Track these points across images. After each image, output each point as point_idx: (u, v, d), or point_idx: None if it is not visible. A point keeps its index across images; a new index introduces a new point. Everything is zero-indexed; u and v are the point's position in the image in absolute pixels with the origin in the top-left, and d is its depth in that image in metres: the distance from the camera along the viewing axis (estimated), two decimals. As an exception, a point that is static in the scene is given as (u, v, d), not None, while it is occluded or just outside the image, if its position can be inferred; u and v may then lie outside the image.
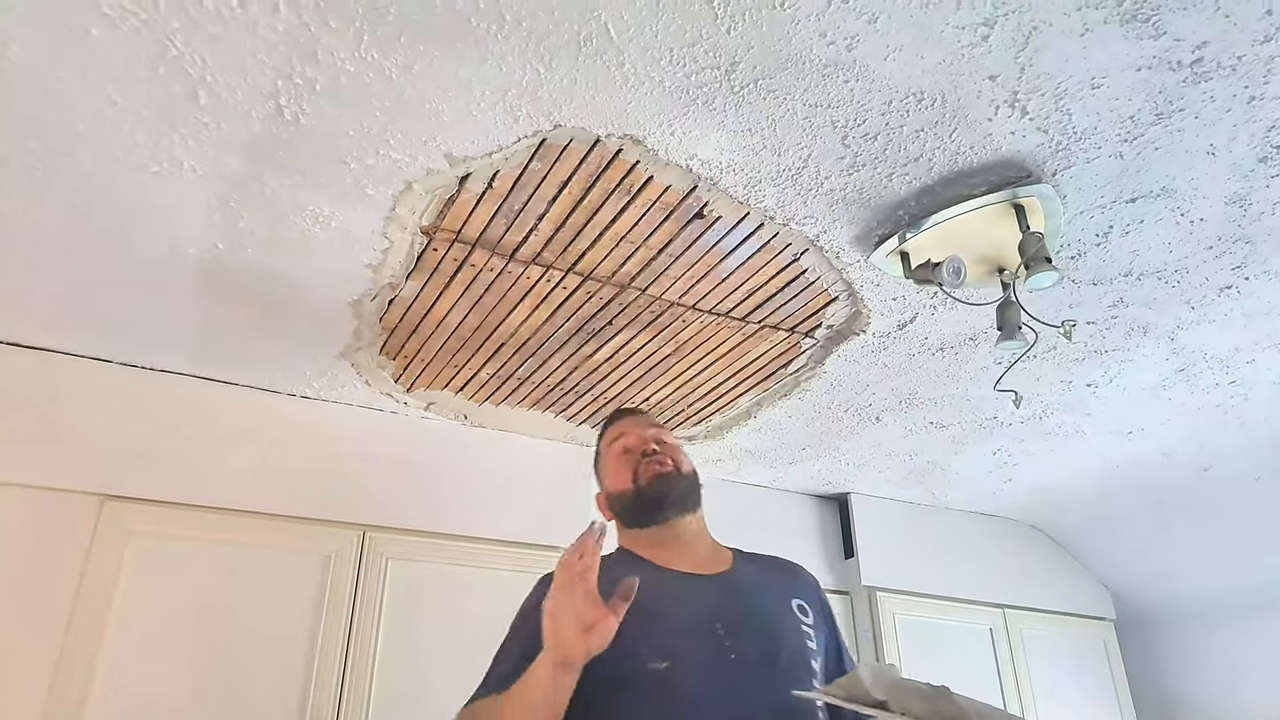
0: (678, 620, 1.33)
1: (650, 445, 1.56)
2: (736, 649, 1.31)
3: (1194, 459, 2.98)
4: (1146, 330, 2.26)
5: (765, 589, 1.47)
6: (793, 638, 1.38)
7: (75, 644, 2.10)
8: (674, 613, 1.34)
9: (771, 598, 1.45)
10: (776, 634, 1.37)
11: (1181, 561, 3.50)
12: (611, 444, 1.62)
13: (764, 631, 1.36)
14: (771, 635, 1.36)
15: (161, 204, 1.80)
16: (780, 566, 1.59)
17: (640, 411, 1.74)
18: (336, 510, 2.49)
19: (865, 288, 2.09)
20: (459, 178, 1.73)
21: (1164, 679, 3.71)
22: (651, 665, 1.28)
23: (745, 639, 1.33)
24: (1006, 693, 3.26)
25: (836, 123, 1.60)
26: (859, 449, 3.00)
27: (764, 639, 1.34)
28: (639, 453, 1.56)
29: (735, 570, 1.50)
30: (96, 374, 2.37)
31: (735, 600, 1.40)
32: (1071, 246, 1.94)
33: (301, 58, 1.45)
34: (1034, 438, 2.89)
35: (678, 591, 1.39)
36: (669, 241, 1.93)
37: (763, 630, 1.36)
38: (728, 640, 1.31)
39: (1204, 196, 1.80)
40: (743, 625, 1.35)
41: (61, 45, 1.42)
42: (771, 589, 1.48)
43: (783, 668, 1.32)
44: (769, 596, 1.45)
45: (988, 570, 3.49)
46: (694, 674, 1.28)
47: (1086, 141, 1.65)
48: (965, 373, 2.47)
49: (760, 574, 1.52)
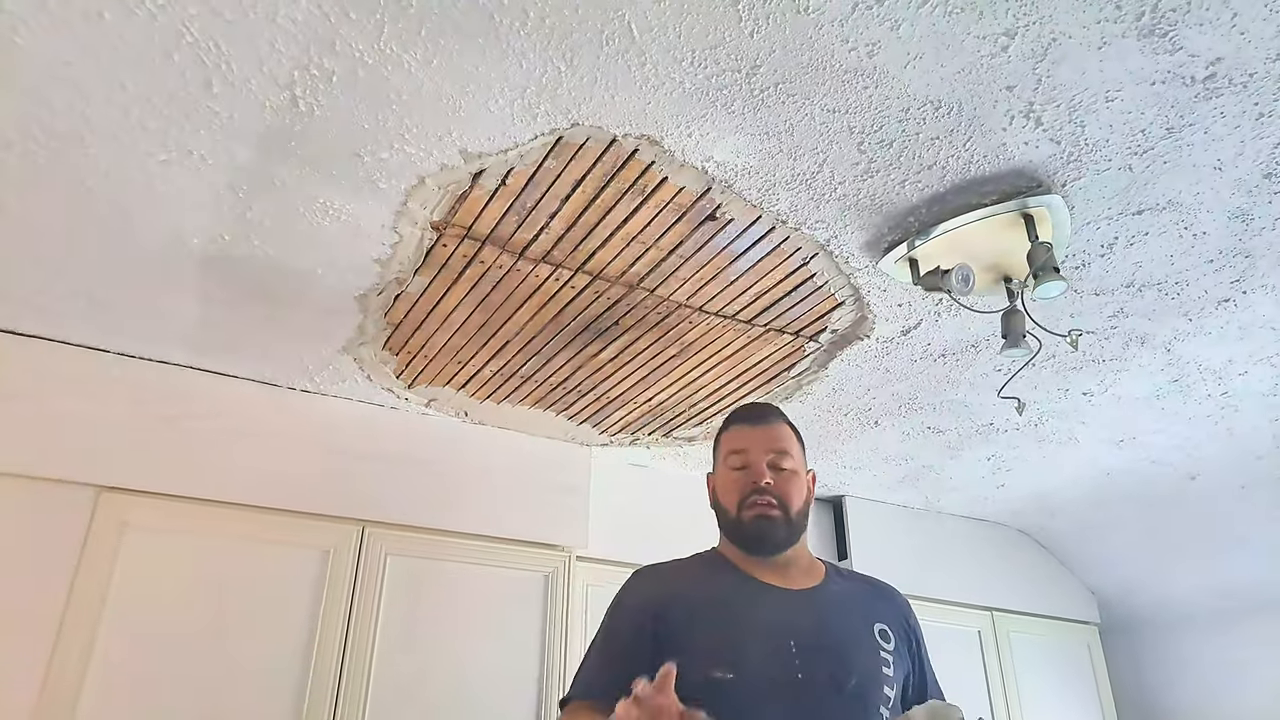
0: (752, 633, 1.33)
1: (765, 479, 1.48)
2: (805, 669, 1.30)
3: (1183, 467, 3.01)
4: (1144, 341, 2.29)
5: (848, 609, 1.45)
6: (867, 663, 1.36)
7: (70, 636, 2.09)
8: (750, 625, 1.35)
9: (853, 619, 1.43)
10: (849, 657, 1.35)
11: (1167, 568, 3.55)
12: (729, 454, 1.54)
13: (837, 654, 1.35)
14: (843, 658, 1.35)
15: (168, 193, 1.78)
16: (871, 587, 1.57)
17: (768, 415, 1.60)
18: (336, 505, 2.48)
19: (872, 293, 2.10)
20: (473, 174, 1.72)
21: (1145, 684, 3.75)
22: (717, 674, 1.28)
23: (816, 660, 1.32)
24: (993, 694, 3.29)
25: (854, 128, 1.61)
26: (856, 452, 3.01)
27: (835, 661, 1.33)
28: (750, 483, 1.49)
29: (823, 587, 1.48)
30: (95, 364, 2.34)
31: (814, 619, 1.40)
32: (1077, 257, 1.96)
33: (320, 48, 1.44)
34: (1028, 444, 2.92)
35: (758, 604, 1.39)
36: (680, 243, 1.93)
37: (836, 652, 1.35)
38: (798, 659, 1.31)
39: (1208, 211, 1.82)
40: (816, 645, 1.34)
41: (73, 29, 1.40)
42: (854, 610, 1.46)
43: (849, 693, 1.31)
44: (850, 617, 1.44)
45: (977, 574, 3.52)
46: (758, 689, 1.28)
47: (1098, 153, 1.66)
48: (965, 379, 2.49)
49: (847, 593, 1.50)
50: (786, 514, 1.47)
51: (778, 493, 1.48)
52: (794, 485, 1.50)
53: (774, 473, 1.49)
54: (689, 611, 1.37)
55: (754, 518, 1.46)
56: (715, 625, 1.34)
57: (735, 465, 1.52)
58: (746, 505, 1.47)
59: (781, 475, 1.50)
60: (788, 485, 1.50)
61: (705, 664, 1.27)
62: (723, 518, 1.53)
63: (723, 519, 1.53)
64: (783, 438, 1.55)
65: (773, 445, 1.52)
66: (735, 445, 1.54)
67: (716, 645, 1.29)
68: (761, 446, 1.52)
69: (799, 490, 1.51)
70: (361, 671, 2.33)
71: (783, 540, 1.48)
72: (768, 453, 1.51)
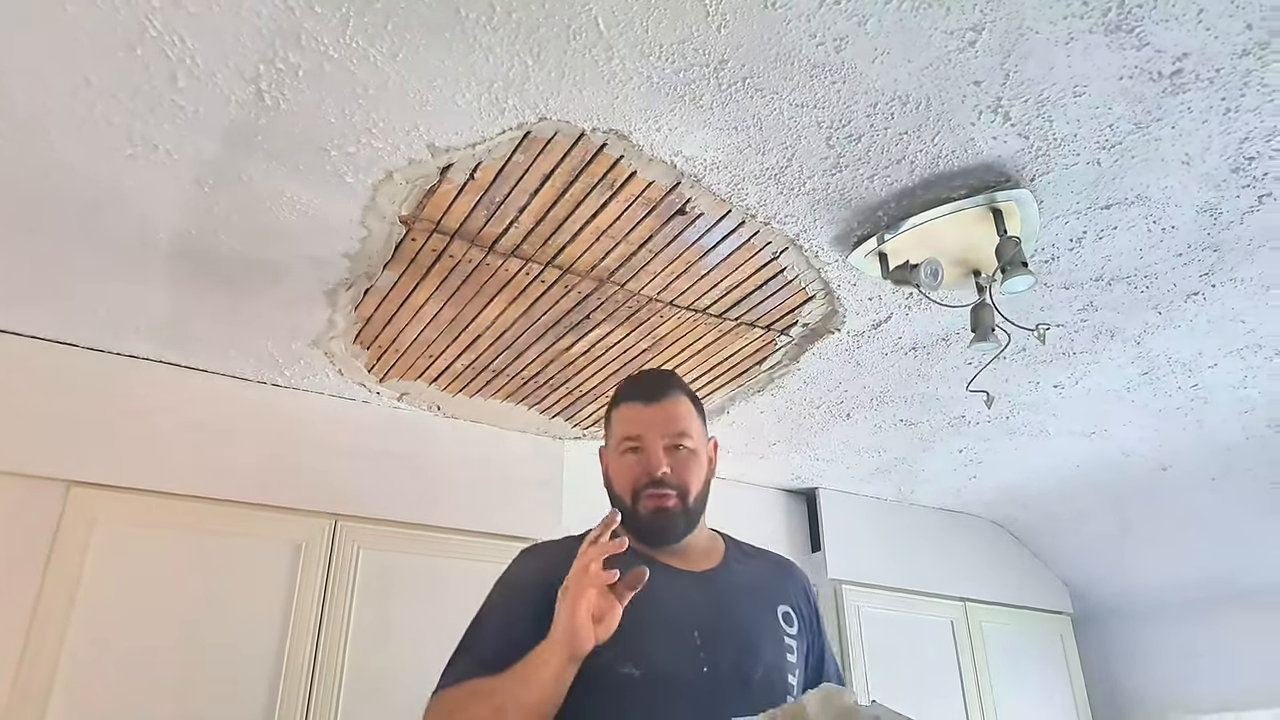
0: (656, 623, 1.26)
1: (661, 469, 1.35)
2: (711, 661, 1.25)
3: (1154, 459, 3.04)
4: (1114, 334, 2.30)
5: (751, 593, 1.38)
6: (772, 651, 1.31)
7: (40, 632, 2.06)
8: (652, 614, 1.26)
9: (757, 604, 1.37)
10: (755, 647, 1.29)
11: (1138, 558, 3.59)
12: (622, 439, 1.39)
13: (742, 643, 1.29)
14: (749, 648, 1.29)
15: (134, 187, 1.76)
16: (772, 566, 1.50)
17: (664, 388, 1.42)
18: (307, 499, 2.46)
19: (842, 287, 2.10)
20: (441, 168, 1.71)
21: (1116, 673, 3.80)
22: (623, 670, 1.22)
23: (721, 650, 1.26)
24: (966, 684, 3.32)
25: (822, 123, 1.61)
26: (829, 445, 3.03)
27: (740, 652, 1.27)
28: (646, 473, 1.36)
29: (724, 568, 1.41)
30: (63, 359, 2.32)
31: (718, 605, 1.33)
32: (1046, 250, 1.97)
33: (285, 42, 1.42)
34: (1000, 436, 2.94)
35: (659, 590, 1.29)
36: (650, 237, 1.92)
37: (740, 642, 1.29)
38: (703, 650, 1.25)
39: (1176, 205, 1.83)
40: (720, 635, 1.28)
41: (35, 21, 1.38)
42: (758, 593, 1.39)
43: (757, 686, 1.25)
44: (754, 602, 1.37)
45: (950, 565, 3.54)
46: (664, 685, 1.22)
47: (1066, 148, 1.67)
48: (936, 372, 2.51)
49: (749, 574, 1.42)
50: (685, 503, 1.36)
51: (676, 481, 1.35)
52: (693, 469, 1.38)
53: (671, 457, 1.36)
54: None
55: (651, 511, 1.34)
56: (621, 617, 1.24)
57: (629, 449, 1.38)
58: (644, 497, 1.35)
59: (679, 458, 1.37)
60: (686, 471, 1.37)
61: (610, 657, 1.20)
62: (617, 504, 1.39)
63: (617, 505, 1.39)
64: (680, 416, 1.39)
65: (670, 427, 1.37)
66: (629, 430, 1.38)
67: (620, 638, 1.18)
68: (657, 430, 1.36)
69: (698, 472, 1.39)
70: (334, 665, 2.32)
71: (682, 531, 1.38)
72: (664, 436, 1.36)
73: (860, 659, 3.15)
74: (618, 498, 1.40)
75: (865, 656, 3.17)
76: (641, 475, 1.36)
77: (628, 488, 1.37)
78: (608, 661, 1.21)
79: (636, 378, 1.51)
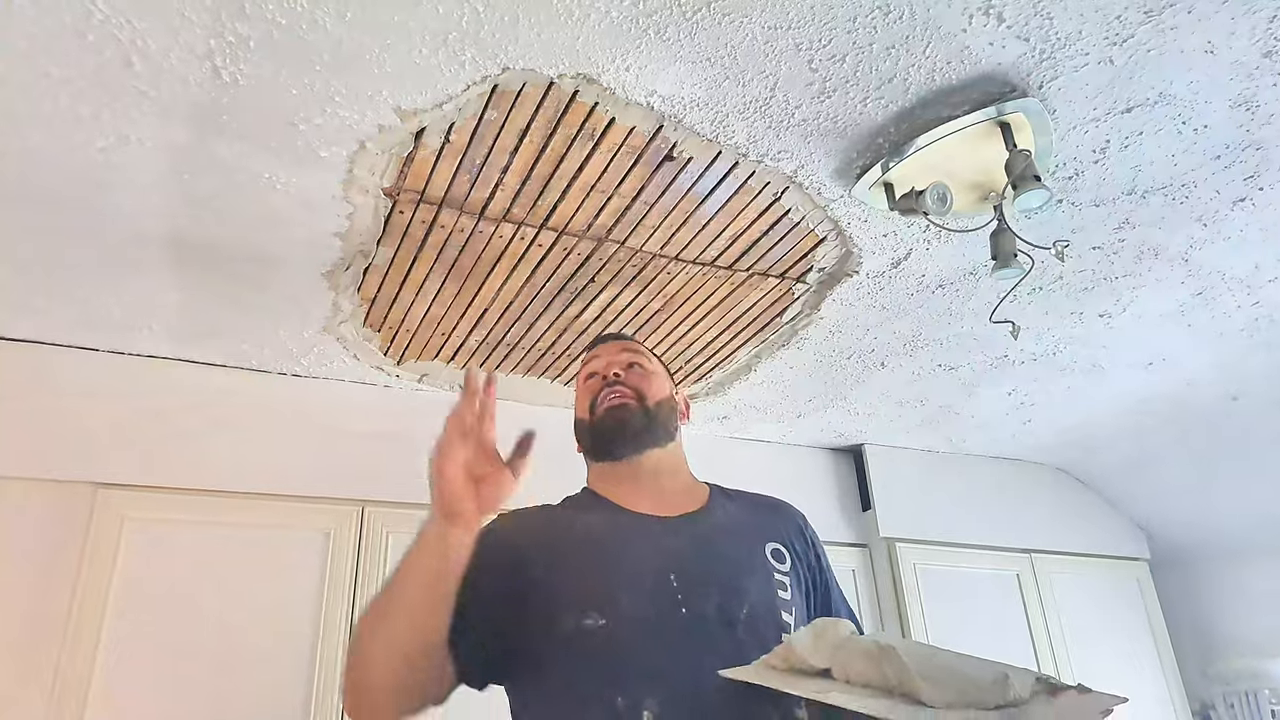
0: (627, 570, 1.19)
1: (614, 371, 1.37)
2: (690, 604, 1.16)
3: (1222, 388, 2.85)
4: (1158, 252, 2.14)
5: (736, 533, 1.30)
6: (760, 590, 1.21)
7: (76, 633, 2.10)
8: (622, 562, 1.20)
9: (742, 543, 1.28)
10: (739, 587, 1.20)
11: (1218, 496, 3.38)
12: (585, 378, 1.43)
13: (725, 584, 1.20)
14: (733, 588, 1.20)
15: (115, 180, 1.75)
16: (760, 505, 1.40)
17: (622, 336, 1.51)
18: (333, 487, 2.46)
19: (853, 225, 1.99)
20: (413, 133, 1.66)
21: (1202, 617, 3.60)
22: (587, 622, 1.13)
23: (702, 593, 1.17)
24: (1037, 639, 3.18)
25: (800, 45, 1.51)
26: (867, 398, 2.91)
27: (724, 592, 1.18)
28: (601, 379, 1.38)
29: (705, 511, 1.33)
30: (85, 363, 2.35)
31: (697, 547, 1.24)
32: (1067, 166, 1.84)
33: (230, 13, 1.38)
34: (1049, 375, 2.78)
35: (632, 537, 1.24)
36: (641, 188, 1.85)
37: (724, 582, 1.20)
38: (681, 593, 1.16)
39: (1206, 101, 1.68)
40: (701, 576, 1.19)
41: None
42: (743, 533, 1.30)
43: (743, 625, 1.16)
44: (739, 542, 1.28)
45: (1012, 516, 3.39)
46: (637, 632, 1.13)
47: (1072, 48, 1.54)
48: (969, 310, 2.37)
49: (735, 515, 1.34)
50: (642, 403, 1.34)
51: (631, 384, 1.36)
52: (650, 381, 1.38)
53: (628, 371, 1.38)
54: (550, 556, 1.21)
55: (606, 410, 1.33)
56: (583, 567, 1.19)
57: (585, 374, 1.42)
58: (599, 403, 1.35)
59: (635, 371, 1.39)
60: (642, 379, 1.37)
61: (573, 612, 1.14)
62: (582, 436, 1.39)
63: (582, 437, 1.39)
64: (635, 348, 1.44)
65: (625, 354, 1.41)
66: (588, 366, 1.43)
67: (584, 590, 1.14)
68: (613, 354, 1.41)
69: (657, 386, 1.38)
70: (369, 653, 2.31)
71: (641, 429, 1.33)
72: (619, 354, 1.41)
73: (920, 618, 3.04)
74: (581, 426, 1.39)
75: (925, 616, 3.05)
76: (596, 385, 1.38)
77: (587, 401, 1.37)
78: (570, 616, 1.14)
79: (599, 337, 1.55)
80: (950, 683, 0.83)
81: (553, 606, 1.15)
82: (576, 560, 1.21)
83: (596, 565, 1.19)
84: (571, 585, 1.17)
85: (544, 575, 1.19)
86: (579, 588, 1.16)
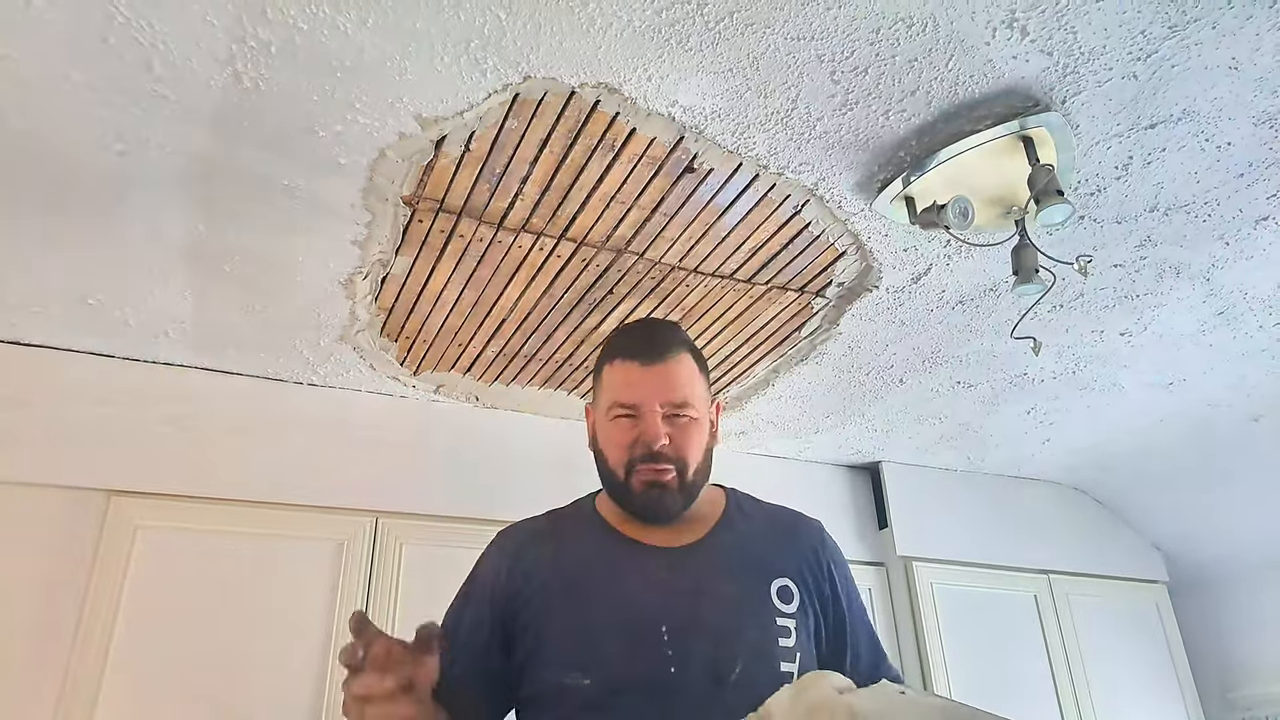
0: (615, 621, 1.12)
1: (660, 442, 1.19)
2: (679, 660, 1.08)
3: (1243, 408, 2.81)
4: (1179, 271, 2.12)
5: (741, 567, 1.21)
6: (759, 638, 1.13)
7: (87, 639, 2.09)
8: (611, 612, 1.13)
9: (746, 580, 1.19)
10: (734, 637, 1.12)
11: (1236, 518, 3.33)
12: (613, 404, 1.23)
13: (720, 634, 1.11)
14: (728, 640, 1.11)
15: (134, 185, 1.75)
16: (776, 527, 1.31)
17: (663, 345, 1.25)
18: (347, 497, 2.45)
19: (873, 239, 1.98)
20: (433, 141, 1.66)
21: (1223, 642, 3.54)
22: (568, 680, 1.09)
23: (692, 647, 1.10)
24: (1054, 660, 3.13)
25: (823, 56, 1.50)
26: (885, 414, 2.88)
27: (717, 645, 1.11)
28: (643, 445, 1.20)
29: (712, 538, 1.24)
30: (100, 370, 2.35)
31: (694, 589, 1.15)
32: (1090, 182, 1.82)
33: (252, 18, 1.39)
34: (1069, 394, 2.75)
35: (628, 577, 1.17)
36: (661, 200, 1.84)
37: (718, 632, 1.12)
38: (671, 649, 1.09)
39: (1229, 118, 1.66)
40: (693, 628, 1.11)
41: (4, 22, 1.37)
42: (749, 567, 1.21)
43: (733, 685, 1.08)
44: (742, 578, 1.19)
45: (1030, 536, 3.35)
46: (620, 692, 1.07)
47: (1095, 62, 1.53)
48: (989, 327, 2.35)
49: (744, 540, 1.25)
50: (683, 479, 1.21)
51: (674, 455, 1.20)
52: (694, 438, 1.22)
53: (671, 425, 1.21)
54: (545, 593, 1.16)
55: (645, 486, 1.20)
56: (570, 614, 1.12)
57: (621, 412, 1.22)
58: (637, 470, 1.20)
59: (679, 427, 1.21)
60: (686, 441, 1.21)
61: (557, 666, 1.09)
62: (606, 475, 1.26)
63: (605, 475, 1.26)
64: (682, 382, 1.23)
65: (670, 395, 1.21)
66: (623, 395, 1.22)
67: (569, 643, 1.09)
68: (656, 397, 1.20)
69: (700, 441, 1.24)
70: (380, 664, 2.30)
71: (678, 510, 1.23)
72: (664, 405, 1.21)
73: (937, 639, 3.00)
74: (609, 471, 1.24)
75: (942, 636, 3.02)
76: (636, 446, 1.20)
77: (621, 457, 1.22)
78: (553, 672, 1.11)
79: (631, 329, 1.34)
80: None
81: (543, 657, 1.13)
82: (565, 602, 1.16)
83: (584, 611, 1.13)
84: (558, 631, 1.13)
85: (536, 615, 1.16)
86: (564, 638, 1.11)
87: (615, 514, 1.28)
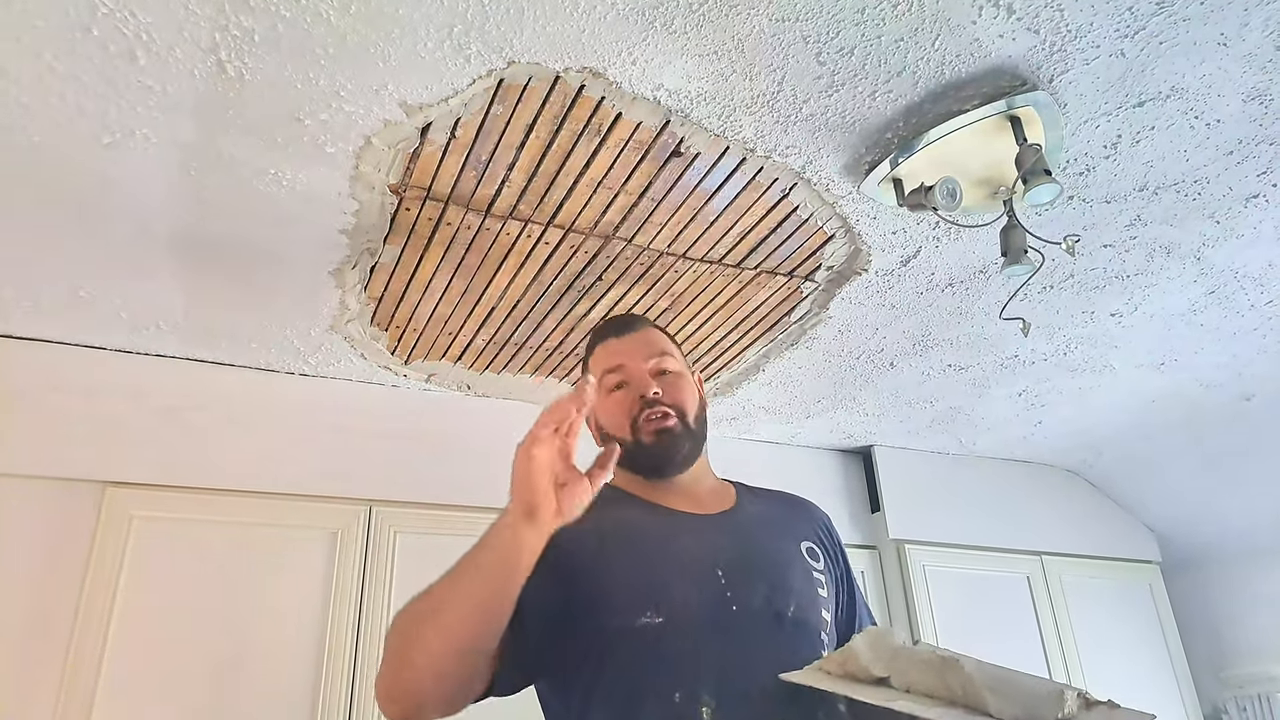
0: (674, 565, 1.18)
1: (651, 390, 1.29)
2: (739, 598, 1.15)
3: (1235, 388, 2.82)
4: (1170, 250, 2.12)
5: (772, 528, 1.29)
6: (802, 586, 1.21)
7: (84, 629, 2.10)
8: (670, 556, 1.19)
9: (779, 539, 1.27)
10: (784, 581, 1.20)
11: (1231, 498, 3.35)
12: (604, 374, 1.34)
13: (770, 576, 1.19)
14: (778, 582, 1.19)
15: (121, 177, 1.75)
16: (788, 503, 1.40)
17: (635, 322, 1.41)
18: (341, 486, 2.45)
19: (861, 221, 1.98)
20: (419, 128, 1.65)
21: (1215, 621, 3.57)
22: (643, 620, 1.12)
23: (749, 586, 1.16)
24: (1047, 641, 3.15)
25: (808, 37, 1.49)
26: (876, 398, 2.89)
27: (770, 586, 1.18)
28: (638, 397, 1.29)
29: (739, 509, 1.32)
30: (92, 361, 2.35)
31: (740, 542, 1.23)
32: (1079, 161, 1.82)
33: (234, 6, 1.38)
34: (1060, 375, 2.76)
35: (673, 533, 1.23)
36: (649, 185, 1.84)
37: (769, 575, 1.19)
38: (729, 589, 1.15)
39: (1218, 95, 1.66)
40: (746, 569, 1.18)
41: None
42: (779, 529, 1.30)
43: (790, 621, 1.16)
44: (776, 538, 1.27)
45: (1023, 518, 3.36)
46: (692, 627, 1.12)
47: (1083, 40, 1.53)
48: (979, 309, 2.35)
49: (766, 512, 1.34)
50: (685, 422, 1.29)
51: (670, 401, 1.29)
52: (684, 389, 1.32)
53: (660, 379, 1.31)
54: (598, 540, 1.17)
55: (654, 434, 1.27)
56: (632, 561, 1.17)
57: (613, 385, 1.32)
58: (643, 426, 1.28)
59: (667, 380, 1.31)
60: (678, 391, 1.31)
61: (629, 608, 1.13)
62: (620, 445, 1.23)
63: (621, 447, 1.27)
64: (656, 340, 1.36)
65: (649, 350, 1.33)
66: (608, 363, 1.33)
67: (637, 585, 1.13)
68: (638, 355, 1.32)
69: (690, 393, 1.33)
70: (375, 652, 2.30)
71: (689, 453, 1.30)
72: (646, 359, 1.32)
73: (930, 621, 3.01)
74: (614, 437, 1.30)
75: (935, 618, 3.03)
76: (634, 402, 1.29)
77: (624, 420, 1.29)
78: (626, 614, 1.13)
79: (604, 320, 1.49)
80: (1014, 695, 0.83)
81: (608, 604, 1.13)
82: (628, 556, 1.19)
83: (648, 561, 1.17)
84: (622, 578, 1.16)
85: (596, 573, 1.16)
86: (630, 581, 1.15)
87: (638, 485, 1.31)
